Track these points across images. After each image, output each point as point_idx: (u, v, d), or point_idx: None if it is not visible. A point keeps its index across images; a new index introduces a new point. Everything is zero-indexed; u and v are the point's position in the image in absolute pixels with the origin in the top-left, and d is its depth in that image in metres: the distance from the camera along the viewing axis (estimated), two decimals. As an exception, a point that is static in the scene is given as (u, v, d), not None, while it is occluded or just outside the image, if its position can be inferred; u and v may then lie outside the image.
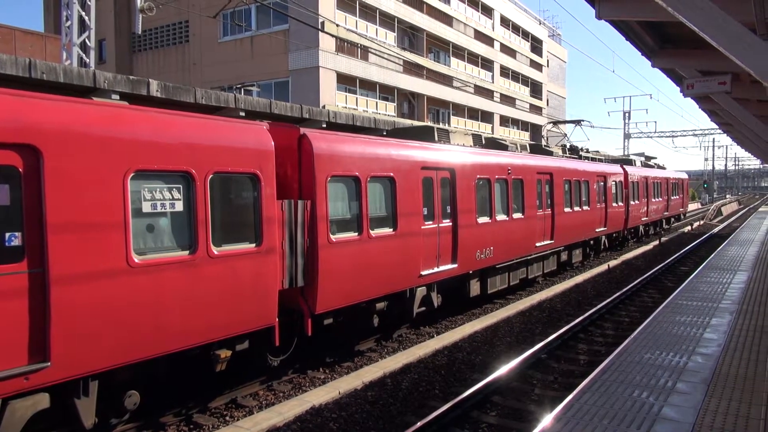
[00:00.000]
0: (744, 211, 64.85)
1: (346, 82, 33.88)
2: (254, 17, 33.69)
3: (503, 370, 9.28)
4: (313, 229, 8.92)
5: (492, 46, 49.57)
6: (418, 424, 7.24)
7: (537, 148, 19.82)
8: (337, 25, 30.81)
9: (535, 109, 58.57)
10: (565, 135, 28.33)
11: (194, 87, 9.42)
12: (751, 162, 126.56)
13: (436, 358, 10.39)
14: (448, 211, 12.56)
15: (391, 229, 10.72)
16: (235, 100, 9.64)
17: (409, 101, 40.20)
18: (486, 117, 48.99)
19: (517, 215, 15.63)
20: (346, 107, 32.85)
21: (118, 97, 8.18)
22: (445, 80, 41.15)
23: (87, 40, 14.10)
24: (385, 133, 13.38)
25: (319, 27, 28.38)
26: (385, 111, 36.81)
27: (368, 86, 35.76)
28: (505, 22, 52.34)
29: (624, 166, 26.41)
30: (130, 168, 6.56)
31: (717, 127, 25.41)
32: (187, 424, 7.96)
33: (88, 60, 14.00)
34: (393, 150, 10.97)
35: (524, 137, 54.75)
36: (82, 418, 6.44)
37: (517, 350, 10.87)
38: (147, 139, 6.76)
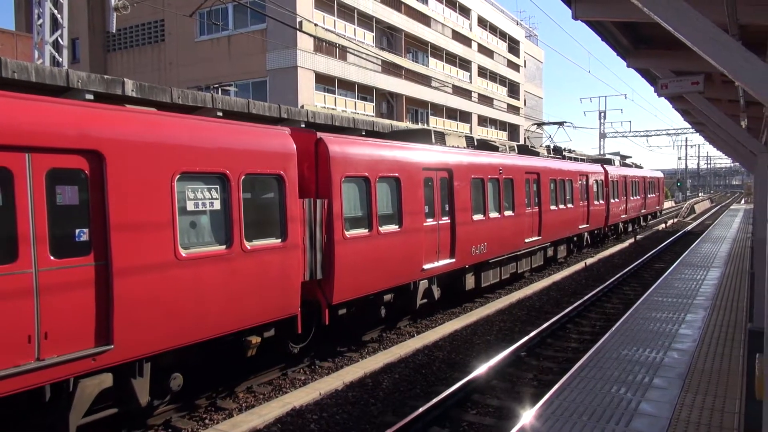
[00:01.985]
0: (716, 208, 66.18)
1: (324, 82, 33.74)
2: (231, 16, 33.35)
3: (483, 368, 9.33)
4: (330, 226, 9.66)
5: (470, 46, 49.81)
6: (399, 423, 7.24)
7: (524, 149, 20.55)
8: (315, 25, 30.67)
9: (513, 109, 59.00)
10: (550, 136, 29.06)
11: (170, 87, 9.31)
12: (723, 161, 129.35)
13: (416, 357, 10.41)
14: (447, 209, 13.38)
15: (397, 226, 11.48)
16: (213, 100, 9.52)
17: (387, 101, 40.21)
18: (464, 117, 49.19)
19: (508, 213, 16.49)
20: (324, 107, 32.71)
21: (92, 97, 8.03)
22: (424, 80, 41.25)
23: (60, 39, 13.80)
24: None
25: (297, 27, 28.21)
26: (364, 111, 36.74)
27: (347, 86, 35.65)
28: (482, 22, 52.61)
29: (604, 166, 27.40)
30: (176, 170, 7.25)
31: (690, 126, 25.96)
32: (166, 428, 7.86)
33: (60, 59, 13.68)
34: (398, 152, 11.71)
35: (502, 137, 55.09)
36: (138, 396, 7.10)
37: (497, 348, 10.94)
38: (189, 143, 7.49)
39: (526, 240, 17.77)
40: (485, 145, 17.11)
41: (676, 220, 45.08)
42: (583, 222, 23.51)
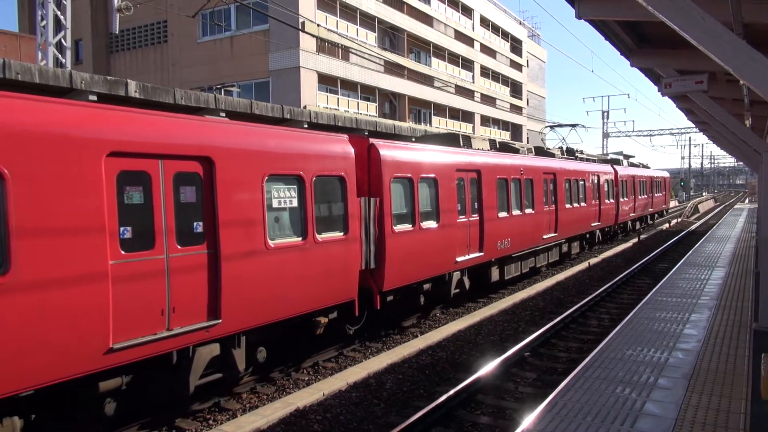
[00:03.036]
0: (720, 208, 66.00)
1: (327, 82, 33.73)
2: (234, 17, 33.36)
3: (487, 368, 9.31)
4: (381, 221, 10.94)
5: (472, 46, 49.73)
6: (403, 424, 7.23)
7: (540, 151, 21.50)
8: (318, 25, 30.64)
9: (516, 109, 58.89)
10: (563, 138, 29.71)
11: (173, 88, 9.35)
12: (727, 160, 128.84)
13: (420, 357, 10.39)
14: (476, 206, 14.69)
15: (435, 222, 12.71)
16: (216, 101, 9.55)
17: (390, 101, 40.17)
18: (467, 117, 49.13)
19: (529, 210, 17.75)
20: (327, 107, 32.68)
21: (95, 98, 8.04)
22: (426, 80, 41.13)
23: (63, 40, 13.80)
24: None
25: (300, 27, 28.19)
26: (367, 111, 36.70)
27: (349, 86, 35.63)
28: (485, 22, 52.53)
29: (614, 166, 28.34)
30: (265, 173, 8.51)
31: (694, 125, 25.96)
32: (169, 429, 7.86)
33: (64, 60, 13.68)
34: (436, 155, 13.01)
35: (505, 137, 54.99)
36: (237, 364, 8.33)
37: (501, 349, 10.91)
38: (275, 149, 8.80)
39: (544, 236, 18.88)
40: (506, 147, 18.15)
41: (679, 219, 44.94)
42: (595, 220, 24.59)
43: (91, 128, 6.43)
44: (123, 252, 6.67)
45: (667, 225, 39.64)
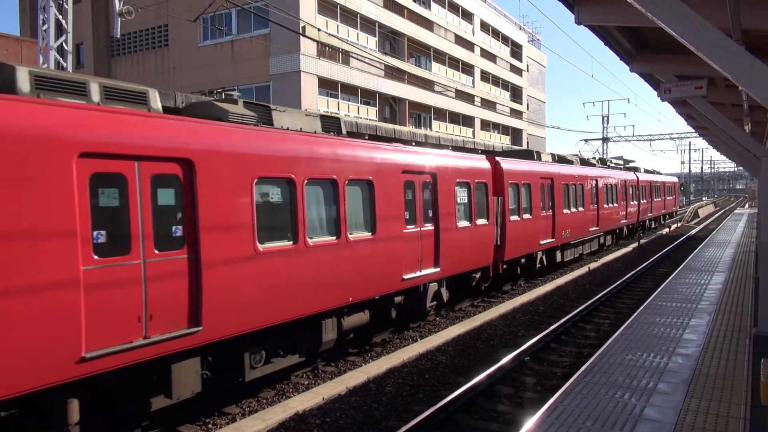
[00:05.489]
0: (720, 213, 65.99)
1: (327, 86, 33.75)
2: (235, 21, 33.38)
3: (487, 372, 9.30)
4: (504, 213, 16.15)
5: (472, 50, 49.76)
6: (403, 428, 7.22)
7: (583, 161, 27.20)
8: (318, 30, 30.69)
9: (516, 114, 58.92)
10: (596, 150, 33.68)
11: (174, 92, 9.38)
12: (726, 165, 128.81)
13: (420, 362, 10.38)
14: (550, 204, 19.80)
15: (530, 215, 18.06)
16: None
17: (390, 105, 40.18)
18: (467, 121, 49.11)
19: (581, 209, 22.88)
20: (327, 111, 32.74)
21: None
22: (427, 85, 41.15)
23: (64, 44, 13.80)
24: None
25: (300, 31, 28.23)
26: (367, 115, 36.66)
27: (350, 91, 35.64)
28: (485, 27, 52.56)
29: (636, 173, 34.19)
30: (456, 180, 13.88)
31: (693, 130, 26.21)
32: (169, 433, 7.86)
33: (65, 64, 13.68)
34: (531, 166, 18.63)
35: (505, 141, 54.95)
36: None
37: (501, 353, 10.90)
38: (463, 167, 14.32)
39: (590, 229, 24.24)
40: (562, 159, 23.95)
41: (679, 224, 44.93)
42: (624, 218, 30.31)
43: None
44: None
45: (667, 230, 39.64)
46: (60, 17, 13.71)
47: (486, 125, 52.98)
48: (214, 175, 7.63)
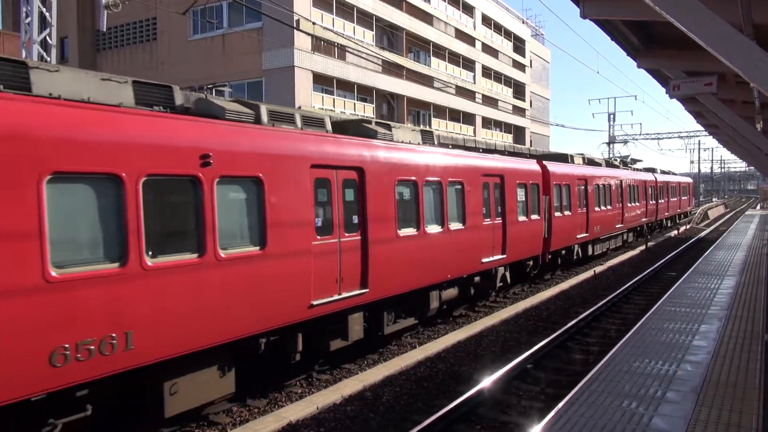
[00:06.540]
0: (731, 214, 65.26)
1: (322, 82, 33.01)
2: (226, 14, 32.53)
3: (488, 381, 9.01)
4: (550, 210, 18.67)
5: (473, 45, 48.61)
6: (399, 440, 6.95)
7: (608, 163, 29.75)
8: (313, 23, 30.14)
9: (518, 111, 57.86)
10: (618, 152, 35.11)
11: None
12: (737, 164, 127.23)
13: (418, 369, 10.12)
14: (585, 203, 22.20)
15: (570, 212, 20.51)
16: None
17: (388, 102, 39.47)
18: (468, 119, 48.08)
19: (609, 207, 25.19)
20: (323, 108, 31.99)
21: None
22: (426, 81, 39.95)
23: (48, 38, 13.38)
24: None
25: (294, 25, 27.68)
26: (364, 112, 35.76)
27: (346, 87, 34.84)
28: (486, 21, 51.22)
29: (654, 174, 36.31)
30: (522, 183, 16.96)
31: (703, 129, 26.11)
32: (158, 443, 7.61)
33: (49, 59, 13.25)
34: (570, 169, 21.28)
35: (507, 139, 54.29)
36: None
37: (502, 360, 10.60)
38: (513, 168, 16.67)
39: (616, 226, 26.46)
40: (591, 161, 25.95)
41: (689, 226, 44.40)
42: (644, 216, 32.38)
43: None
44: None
45: (675, 232, 39.17)
46: (44, 10, 13.33)
47: (487, 123, 52.01)
48: (374, 178, 10.36)
